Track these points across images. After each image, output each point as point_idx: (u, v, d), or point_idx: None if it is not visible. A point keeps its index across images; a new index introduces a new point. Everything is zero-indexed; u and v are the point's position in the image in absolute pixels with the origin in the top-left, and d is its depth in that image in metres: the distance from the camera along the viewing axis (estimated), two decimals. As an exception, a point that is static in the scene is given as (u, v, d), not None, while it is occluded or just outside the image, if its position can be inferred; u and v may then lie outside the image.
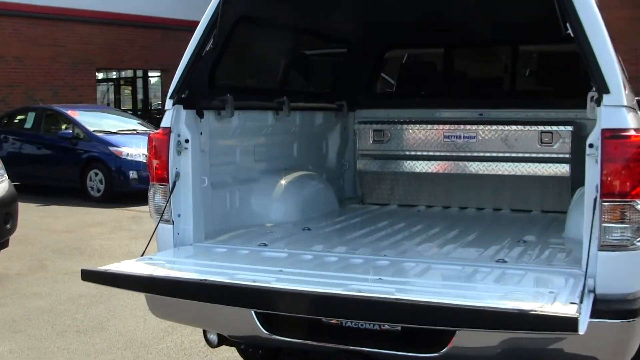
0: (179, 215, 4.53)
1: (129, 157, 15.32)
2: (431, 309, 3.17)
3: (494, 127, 5.99)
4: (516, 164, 5.94)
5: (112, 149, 15.47)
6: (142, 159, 15.19)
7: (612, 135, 3.62)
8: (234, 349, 5.13)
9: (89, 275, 3.92)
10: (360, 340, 3.80)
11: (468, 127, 6.07)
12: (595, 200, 3.62)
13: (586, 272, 3.54)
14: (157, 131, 4.59)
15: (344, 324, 3.82)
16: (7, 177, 8.98)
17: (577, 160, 5.95)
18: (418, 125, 6.25)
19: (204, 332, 4.75)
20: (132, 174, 15.20)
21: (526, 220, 5.70)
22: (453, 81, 7.17)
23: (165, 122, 4.54)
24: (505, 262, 4.08)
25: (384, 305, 3.25)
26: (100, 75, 26.81)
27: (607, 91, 3.64)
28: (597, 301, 3.49)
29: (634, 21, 19.58)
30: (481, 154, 6.05)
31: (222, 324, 4.29)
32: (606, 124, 3.63)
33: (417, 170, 6.32)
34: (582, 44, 3.74)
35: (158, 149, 4.53)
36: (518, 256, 4.28)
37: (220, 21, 4.55)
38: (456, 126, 6.11)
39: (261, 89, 5.95)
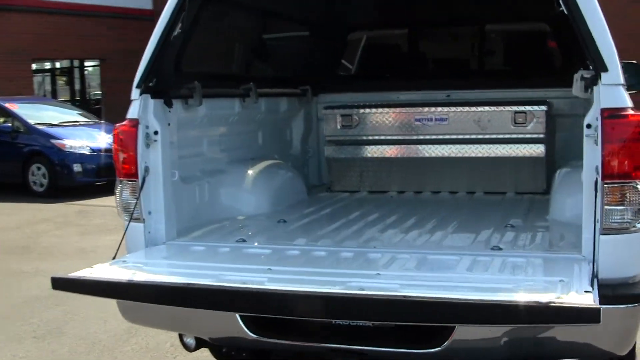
0: (149, 213, 4.25)
1: (72, 150, 14.86)
2: (448, 306, 3.00)
3: (466, 108, 5.81)
4: (489, 145, 5.78)
5: (54, 141, 14.97)
6: (87, 151, 14.81)
7: (611, 115, 3.51)
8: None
9: (61, 284, 3.59)
10: (355, 339, 3.59)
11: (439, 109, 5.88)
12: (596, 182, 3.50)
13: (594, 257, 3.42)
14: (123, 123, 4.28)
15: (335, 322, 3.59)
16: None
17: (551, 140, 5.84)
18: (387, 109, 6.04)
19: (180, 336, 4.47)
20: (77, 167, 14.75)
21: (505, 202, 5.56)
22: (419, 62, 7.00)
23: (132, 113, 4.24)
24: (500, 249, 3.93)
25: (397, 304, 3.05)
26: (34, 66, 25.96)
27: (605, 69, 3.53)
28: (600, 287, 3.34)
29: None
30: (453, 137, 5.87)
31: (202, 328, 4.02)
32: (605, 103, 3.51)
33: (387, 155, 6.11)
34: (577, 21, 3.62)
35: (125, 142, 4.24)
36: (512, 242, 4.13)
37: (188, 3, 4.26)
38: (427, 109, 5.92)
39: (227, 75, 5.67)
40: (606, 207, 3.50)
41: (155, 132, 4.23)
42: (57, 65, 30.29)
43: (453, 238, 4.35)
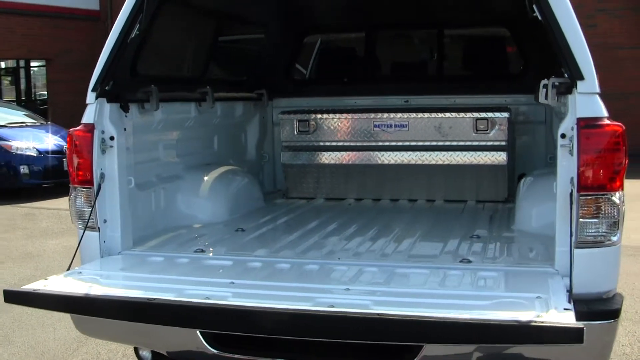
0: (105, 221, 4.13)
1: (18, 152, 14.50)
2: (424, 324, 2.91)
3: (427, 114, 5.76)
4: (450, 152, 5.74)
5: (0, 142, 14.61)
6: (33, 152, 14.47)
7: (587, 125, 3.45)
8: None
9: (13, 297, 3.44)
10: (320, 354, 3.51)
11: (399, 115, 5.82)
12: (571, 194, 3.43)
13: (571, 272, 3.36)
14: (78, 128, 4.14)
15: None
16: None
17: (512, 148, 5.81)
18: (345, 115, 5.97)
19: (136, 349, 4.35)
20: (23, 169, 14.40)
21: (466, 211, 5.51)
22: (376, 67, 6.93)
23: (88, 117, 4.11)
24: (470, 262, 3.86)
25: (370, 322, 2.95)
26: (-24, 66, 25.47)
27: (582, 77, 3.47)
28: (575, 302, 3.25)
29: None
30: (413, 143, 5.82)
31: (161, 342, 3.89)
32: (581, 112, 3.45)
33: (345, 161, 6.03)
34: (553, 27, 3.56)
35: (80, 148, 4.11)
36: (481, 254, 4.07)
37: (147, 4, 4.14)
38: (387, 114, 5.86)
39: (183, 78, 5.55)
40: (581, 219, 3.43)
41: (111, 138, 4.11)
42: (2, 65, 29.70)
43: (420, 249, 4.27)
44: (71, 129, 4.19)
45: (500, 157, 5.58)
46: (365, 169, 6.04)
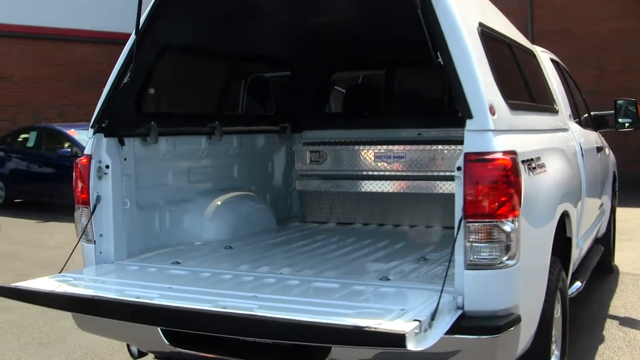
0: (100, 235, 4.88)
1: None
2: (274, 324, 3.40)
3: (422, 146, 6.25)
4: (444, 182, 6.20)
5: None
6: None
7: (472, 159, 3.77)
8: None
9: (3, 292, 4.24)
10: (254, 353, 4.04)
11: (397, 147, 6.34)
12: (460, 220, 3.76)
13: (442, 288, 3.64)
14: (82, 157, 4.95)
15: (241, 338, 4.02)
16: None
17: None
18: (351, 146, 6.56)
19: (127, 345, 5.10)
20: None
21: (448, 236, 5.92)
22: (393, 101, 7.43)
23: (87, 149, 4.90)
24: (388, 279, 4.25)
25: (240, 321, 3.49)
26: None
27: (470, 116, 3.79)
28: (464, 318, 3.65)
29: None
30: (410, 174, 6.32)
31: (135, 339, 4.63)
32: (468, 147, 3.78)
33: (352, 189, 6.61)
34: (450, 71, 3.85)
35: (82, 174, 4.88)
36: (406, 273, 4.45)
37: (136, 57, 4.88)
38: (386, 146, 6.39)
39: (193, 114, 6.27)
40: (470, 244, 3.74)
41: (107, 166, 4.85)
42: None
43: (356, 267, 4.72)
44: (78, 158, 5.01)
45: None
46: (371, 196, 6.59)
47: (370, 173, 6.52)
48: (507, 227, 3.76)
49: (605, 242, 8.64)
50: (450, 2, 3.97)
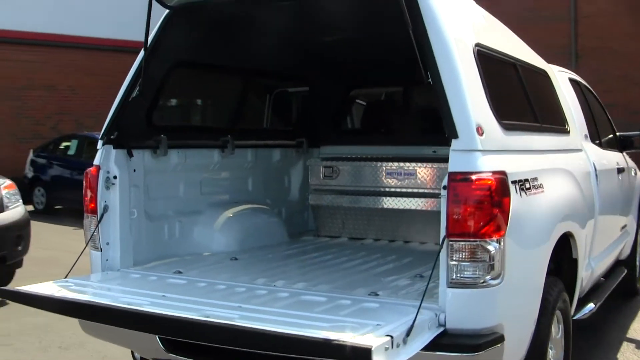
0: (107, 243, 5.02)
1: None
2: (246, 334, 3.47)
3: (436, 164, 6.27)
4: None
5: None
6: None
7: (456, 179, 3.80)
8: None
9: (5, 294, 4.41)
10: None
11: (407, 164, 6.40)
12: (443, 239, 3.80)
13: (420, 305, 3.66)
14: (91, 167, 5.10)
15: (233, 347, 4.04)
16: (21, 202, 9.60)
17: None
18: (363, 162, 6.63)
19: (132, 351, 5.23)
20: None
21: None
22: (410, 118, 7.48)
23: (96, 159, 5.05)
24: (377, 295, 4.27)
25: (219, 330, 3.57)
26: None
27: (456, 136, 3.82)
28: (445, 335, 3.69)
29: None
30: (421, 190, 6.37)
31: (133, 345, 4.76)
32: (453, 167, 3.82)
33: (364, 205, 6.67)
34: (438, 91, 3.90)
35: (91, 184, 5.03)
36: (396, 290, 4.48)
37: (145, 71, 5.04)
38: (397, 163, 6.44)
39: (205, 128, 6.38)
40: (453, 262, 3.78)
41: (115, 177, 4.99)
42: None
43: (350, 282, 4.75)
44: (88, 168, 5.17)
45: None
46: (383, 212, 6.62)
47: (381, 189, 6.56)
48: (491, 247, 3.79)
49: (630, 264, 8.54)
50: (444, 23, 4.03)
